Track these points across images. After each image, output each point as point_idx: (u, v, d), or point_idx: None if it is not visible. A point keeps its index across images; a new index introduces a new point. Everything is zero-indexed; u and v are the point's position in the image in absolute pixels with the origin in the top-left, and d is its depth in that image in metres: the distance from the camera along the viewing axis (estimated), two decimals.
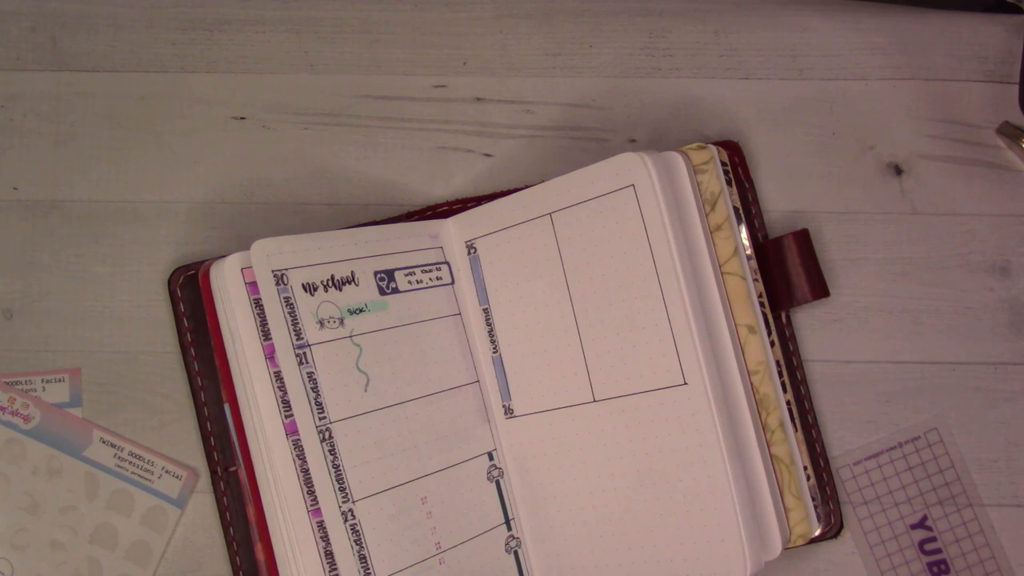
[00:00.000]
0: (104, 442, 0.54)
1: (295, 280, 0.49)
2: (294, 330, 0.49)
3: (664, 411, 0.48)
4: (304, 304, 0.49)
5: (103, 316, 0.55)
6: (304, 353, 0.49)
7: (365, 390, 0.50)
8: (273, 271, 0.49)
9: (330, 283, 0.50)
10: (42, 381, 0.55)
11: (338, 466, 0.48)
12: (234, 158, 0.57)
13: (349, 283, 0.50)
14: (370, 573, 0.48)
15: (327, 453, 0.48)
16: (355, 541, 0.48)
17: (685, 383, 0.48)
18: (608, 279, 0.49)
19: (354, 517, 0.48)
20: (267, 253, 0.49)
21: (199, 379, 0.54)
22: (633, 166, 0.48)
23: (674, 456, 0.48)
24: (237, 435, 0.52)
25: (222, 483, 0.53)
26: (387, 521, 0.49)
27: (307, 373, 0.48)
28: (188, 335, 0.54)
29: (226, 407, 0.52)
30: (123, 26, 0.58)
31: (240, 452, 0.51)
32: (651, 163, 0.48)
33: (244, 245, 0.55)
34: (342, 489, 0.48)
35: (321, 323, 0.49)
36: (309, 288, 0.49)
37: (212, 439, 0.54)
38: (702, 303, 0.48)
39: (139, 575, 0.53)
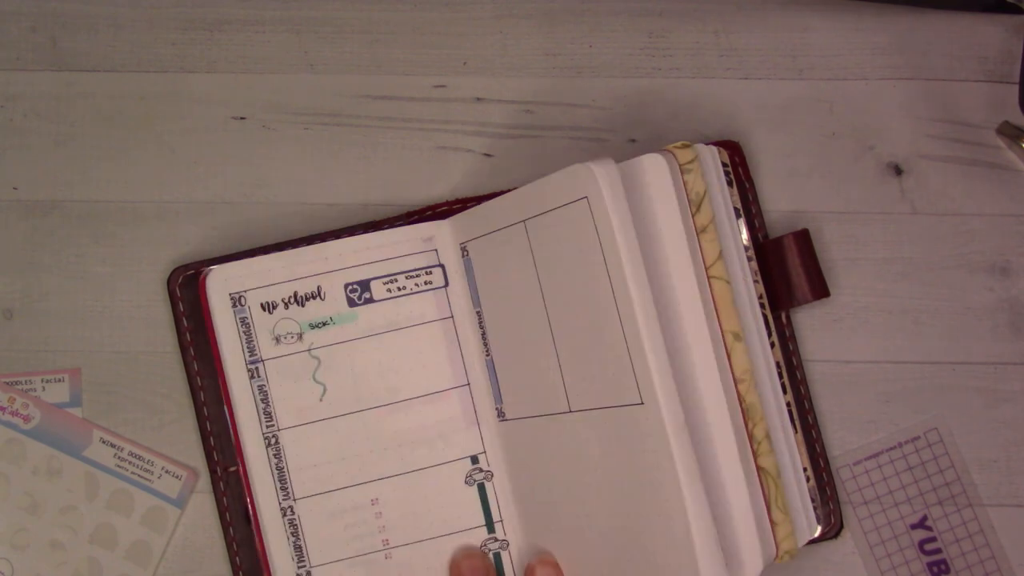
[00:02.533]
0: (104, 442, 0.54)
1: (253, 300, 0.52)
2: (247, 347, 0.52)
3: (625, 430, 0.47)
4: (261, 322, 0.52)
5: (103, 316, 0.55)
6: (256, 368, 0.52)
7: (320, 400, 0.52)
8: (231, 294, 0.52)
9: (292, 300, 0.53)
10: (42, 381, 0.55)
11: (282, 468, 0.52)
12: (234, 158, 0.57)
13: (314, 298, 0.53)
14: (304, 561, 0.52)
15: (272, 457, 0.52)
16: (292, 534, 0.52)
17: (641, 402, 0.46)
18: (575, 290, 0.48)
19: (293, 513, 0.52)
20: (225, 278, 0.52)
21: (199, 379, 0.54)
22: (583, 178, 0.46)
23: (637, 475, 0.47)
24: (235, 435, 0.52)
25: (222, 483, 0.53)
26: (328, 518, 0.52)
27: (258, 386, 0.52)
28: (188, 335, 0.54)
29: (226, 408, 0.53)
30: (123, 26, 0.58)
31: (238, 452, 0.52)
32: (602, 174, 0.46)
33: (244, 245, 0.56)
34: (284, 489, 0.52)
35: (277, 339, 0.52)
36: (268, 307, 0.52)
37: (212, 439, 0.54)
38: (670, 316, 0.47)
39: (139, 575, 0.53)
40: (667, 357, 0.45)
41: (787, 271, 0.54)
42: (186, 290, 0.54)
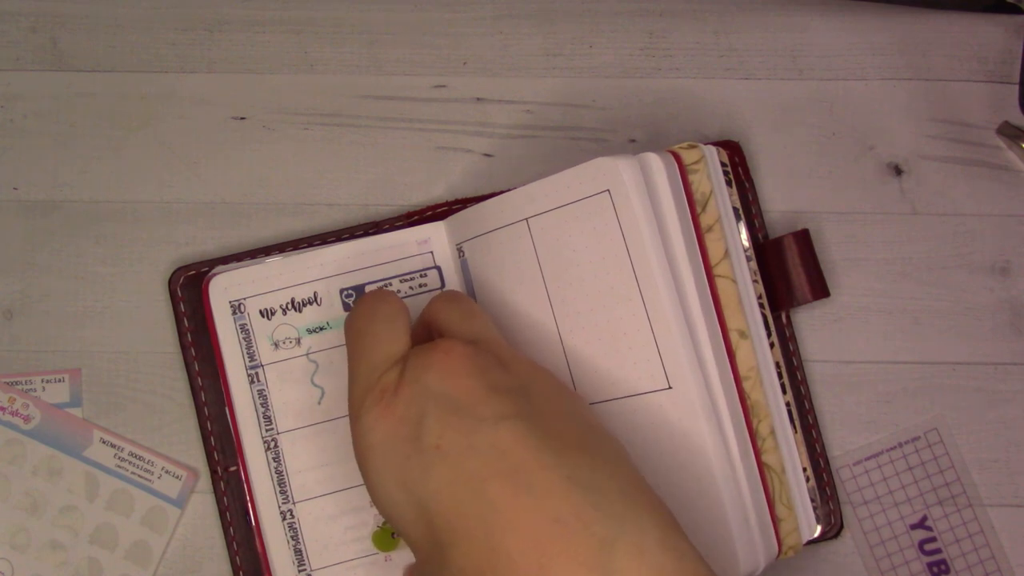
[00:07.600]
0: (104, 442, 0.54)
1: (252, 307, 0.53)
2: (247, 353, 0.52)
3: (649, 416, 0.48)
4: (260, 328, 0.53)
5: (103, 316, 0.56)
6: (256, 373, 0.52)
7: (319, 403, 0.52)
8: (230, 302, 0.52)
9: (289, 306, 0.53)
10: (42, 381, 0.55)
11: (281, 472, 0.52)
12: (234, 158, 0.57)
13: (311, 303, 0.53)
14: (305, 564, 0.52)
15: (271, 461, 0.52)
16: (292, 537, 0.52)
17: (669, 387, 0.47)
18: (587, 284, 0.48)
19: (293, 516, 0.52)
20: (224, 286, 0.53)
21: (199, 379, 0.54)
22: (608, 170, 0.47)
23: (662, 458, 0.47)
24: (236, 438, 0.52)
25: (222, 483, 0.53)
26: (327, 521, 0.52)
27: (258, 391, 0.52)
28: (188, 335, 0.54)
29: (228, 412, 0.53)
30: (123, 26, 0.58)
31: (239, 454, 0.52)
32: (626, 167, 0.47)
33: (244, 245, 0.56)
34: (283, 492, 0.52)
35: (276, 344, 0.52)
36: (266, 313, 0.53)
37: (212, 439, 0.54)
38: (685, 306, 0.48)
39: (139, 575, 0.54)
40: (691, 343, 0.47)
41: (787, 271, 0.54)
42: (187, 290, 0.54)
